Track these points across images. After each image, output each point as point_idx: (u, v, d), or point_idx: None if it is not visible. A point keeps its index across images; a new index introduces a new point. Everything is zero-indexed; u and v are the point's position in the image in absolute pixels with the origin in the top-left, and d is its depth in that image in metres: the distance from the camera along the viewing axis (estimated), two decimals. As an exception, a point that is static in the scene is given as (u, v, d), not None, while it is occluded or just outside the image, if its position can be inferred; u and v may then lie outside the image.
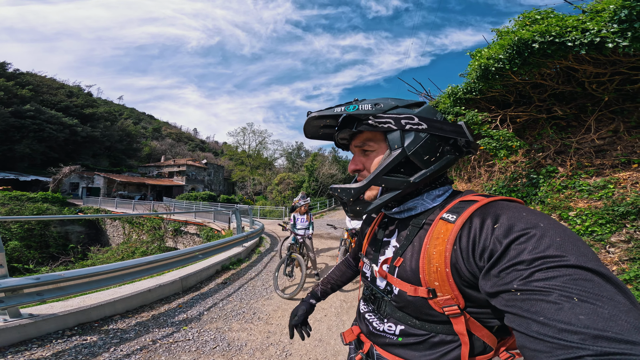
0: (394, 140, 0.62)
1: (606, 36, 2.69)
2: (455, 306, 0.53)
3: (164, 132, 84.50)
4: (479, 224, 0.51)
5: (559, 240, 0.42)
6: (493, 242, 0.47)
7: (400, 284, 0.61)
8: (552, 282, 0.38)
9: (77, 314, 2.77)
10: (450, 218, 0.56)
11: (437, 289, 0.55)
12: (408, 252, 0.63)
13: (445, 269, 0.53)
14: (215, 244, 5.55)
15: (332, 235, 10.18)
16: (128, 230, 17.46)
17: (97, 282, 3.04)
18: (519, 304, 0.41)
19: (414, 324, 0.60)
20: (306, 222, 4.95)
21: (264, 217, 19.48)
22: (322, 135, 0.79)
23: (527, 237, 0.44)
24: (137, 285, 3.70)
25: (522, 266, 0.42)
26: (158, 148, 62.06)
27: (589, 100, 4.15)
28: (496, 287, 0.45)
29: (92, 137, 40.09)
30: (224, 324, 3.27)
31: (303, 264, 4.23)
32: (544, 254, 0.41)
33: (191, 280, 4.51)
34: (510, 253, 0.44)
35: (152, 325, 3.05)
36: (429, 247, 0.57)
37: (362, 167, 0.70)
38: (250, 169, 38.78)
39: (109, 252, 13.30)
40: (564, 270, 0.39)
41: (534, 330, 0.38)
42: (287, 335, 3.07)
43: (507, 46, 3.35)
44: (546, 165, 4.69)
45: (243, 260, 6.35)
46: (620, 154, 3.78)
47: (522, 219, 0.47)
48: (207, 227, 13.39)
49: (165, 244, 14.46)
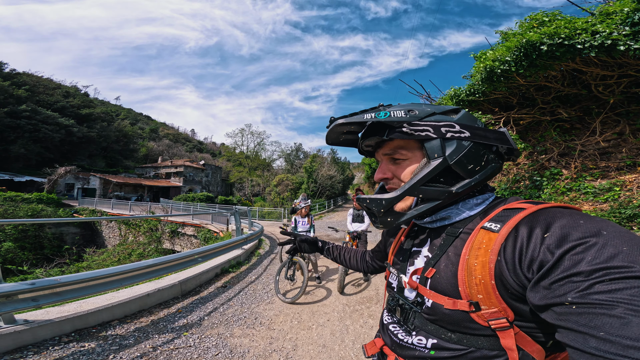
0: (434, 149, 0.58)
1: (618, 39, 2.68)
2: (504, 319, 0.49)
3: (161, 132, 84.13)
4: (527, 233, 0.47)
5: (626, 249, 0.38)
6: (543, 252, 0.43)
7: (434, 296, 0.58)
8: (618, 295, 0.35)
9: (73, 320, 2.68)
10: (494, 227, 0.53)
11: (481, 302, 0.51)
12: (442, 262, 0.59)
13: (490, 280, 0.49)
14: (214, 247, 5.47)
15: (333, 237, 10.12)
16: (124, 232, 17.27)
17: (94, 287, 2.95)
18: (574, 317, 0.37)
19: (449, 338, 0.56)
20: (307, 224, 4.90)
21: (263, 218, 19.40)
22: (343, 141, 0.75)
23: (585, 247, 0.40)
24: (135, 290, 3.60)
25: (580, 277, 0.38)
26: (155, 149, 61.70)
27: (594, 102, 4.15)
28: (546, 300, 0.41)
29: (88, 137, 39.77)
30: (226, 329, 3.19)
31: (305, 268, 4.17)
32: (608, 264, 0.37)
33: (190, 284, 4.42)
34: (565, 264, 0.40)
35: (151, 331, 2.96)
36: (469, 258, 0.53)
37: (392, 175, 0.67)
38: (249, 170, 38.64)
39: (105, 254, 13.13)
40: (633, 281, 0.35)
41: (592, 346, 0.34)
42: (290, 340, 3.01)
43: (513, 48, 3.32)
44: (550, 168, 4.67)
45: (243, 263, 6.27)
46: (625, 156, 3.77)
47: (579, 227, 0.43)
48: (205, 229, 13.27)
49: (162, 246, 14.33)
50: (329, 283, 4.97)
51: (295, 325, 3.36)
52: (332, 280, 5.13)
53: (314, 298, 4.24)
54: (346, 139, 0.75)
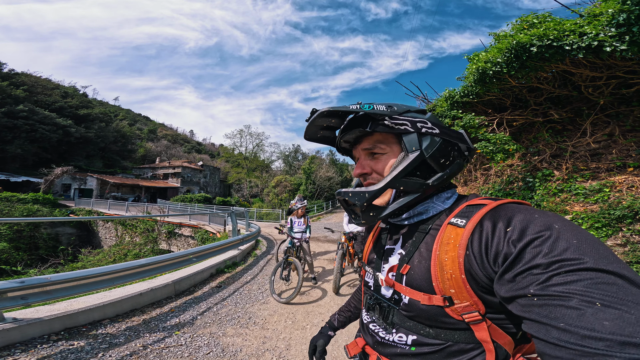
0: (411, 142, 0.61)
1: (604, 40, 2.72)
2: (476, 312, 0.51)
3: (160, 133, 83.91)
4: (491, 227, 0.50)
5: (576, 242, 0.41)
6: (507, 245, 0.46)
7: (410, 292, 0.59)
8: (572, 287, 0.37)
9: (63, 318, 2.67)
10: (460, 222, 0.55)
11: (454, 296, 0.53)
12: (415, 258, 0.61)
13: (460, 275, 0.52)
14: (210, 247, 5.46)
15: (330, 238, 10.12)
16: (121, 232, 17.20)
17: (85, 285, 2.95)
18: (536, 309, 0.39)
19: (427, 333, 0.58)
20: (303, 225, 4.90)
21: (261, 219, 19.38)
22: (320, 137, 0.75)
23: (542, 240, 0.43)
24: (128, 289, 3.59)
25: (539, 270, 0.41)
26: (153, 149, 61.51)
27: (584, 103, 4.20)
28: (512, 292, 0.44)
29: (86, 138, 39.61)
30: (218, 328, 3.18)
31: (300, 268, 4.18)
32: (561, 257, 0.40)
33: (184, 283, 4.41)
34: (525, 257, 0.43)
35: (143, 330, 2.95)
36: (440, 254, 0.55)
37: (370, 170, 0.67)
38: (247, 171, 38.55)
39: (101, 254, 13.05)
40: (584, 273, 0.38)
41: (554, 336, 0.37)
42: (283, 340, 3.01)
43: (505, 50, 3.37)
44: (542, 169, 4.71)
45: (239, 264, 6.26)
46: (615, 157, 3.81)
47: (535, 221, 0.46)
48: (202, 230, 13.23)
49: (159, 246, 14.26)
50: (325, 284, 4.97)
51: (289, 325, 3.37)
52: (328, 281, 5.14)
53: (309, 298, 4.25)
54: (324, 135, 0.75)
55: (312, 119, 0.66)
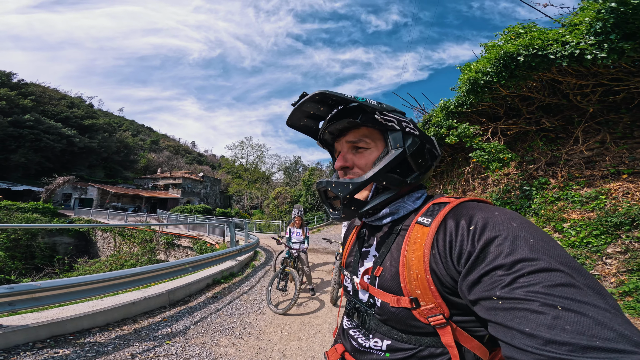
0: (396, 139, 0.63)
1: (585, 48, 2.80)
2: (440, 315, 0.50)
3: (162, 144, 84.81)
4: (454, 225, 0.51)
5: (533, 241, 0.42)
6: (470, 244, 0.46)
7: (382, 294, 0.58)
8: (533, 289, 0.38)
9: (50, 326, 2.63)
10: (426, 221, 0.56)
11: (420, 298, 0.52)
12: (387, 260, 0.60)
13: (425, 275, 0.51)
14: (206, 257, 5.42)
15: (329, 249, 10.03)
16: (119, 242, 17.10)
17: (76, 293, 2.92)
18: (501, 313, 0.39)
19: (400, 338, 0.57)
20: (302, 236, 4.87)
21: (260, 231, 19.24)
22: (303, 126, 0.74)
23: (502, 239, 0.43)
24: (120, 298, 3.55)
25: (502, 271, 0.41)
26: (155, 160, 62.01)
27: (574, 112, 4.25)
28: (477, 294, 0.44)
29: (89, 148, 40.02)
30: (211, 338, 3.12)
31: (297, 279, 4.13)
32: (520, 256, 0.41)
33: (179, 293, 4.35)
34: (488, 256, 0.43)
35: (133, 339, 2.89)
36: (407, 253, 0.55)
37: (352, 164, 0.67)
38: (248, 182, 38.63)
39: (97, 264, 12.93)
40: (543, 275, 0.38)
41: (520, 341, 0.37)
42: (278, 351, 2.96)
43: (494, 60, 3.46)
44: (538, 177, 4.72)
45: (236, 274, 6.18)
46: (609, 164, 3.82)
47: (494, 219, 0.47)
48: (201, 241, 13.14)
49: (157, 257, 14.14)
50: (323, 295, 4.90)
51: (285, 336, 3.31)
52: (326, 292, 5.06)
53: (306, 309, 4.18)
54: (307, 125, 0.74)
55: (300, 102, 0.64)
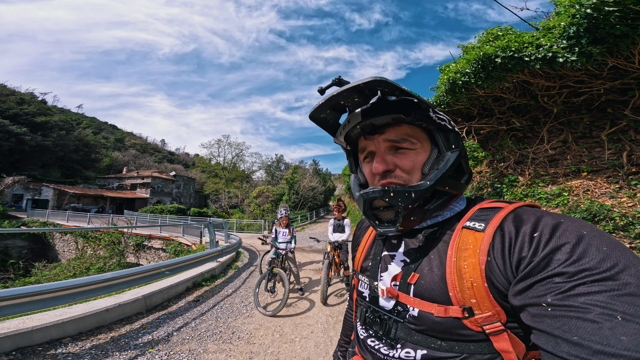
0: (451, 140, 0.57)
1: (557, 51, 3.00)
2: (498, 322, 0.47)
3: (128, 142, 79.45)
4: (514, 231, 0.47)
5: (606, 249, 0.38)
6: (532, 251, 0.43)
7: (420, 304, 0.53)
8: (594, 298, 0.35)
9: (14, 337, 2.36)
10: (478, 226, 0.51)
11: (475, 307, 0.48)
12: (424, 266, 0.55)
13: (483, 283, 0.47)
14: (184, 260, 5.16)
15: (315, 248, 10.00)
16: (82, 245, 15.87)
17: (41, 301, 2.63)
18: (548, 320, 0.37)
19: (439, 347, 0.52)
20: (288, 235, 4.76)
21: (241, 230, 18.75)
22: (325, 117, 0.64)
23: (571, 246, 0.40)
24: (92, 305, 3.26)
25: (561, 278, 0.38)
26: (120, 159, 57.98)
27: (541, 112, 4.63)
28: (524, 300, 0.41)
29: (42, 146, 36.30)
30: (198, 345, 2.98)
31: (286, 279, 4.04)
32: (589, 265, 0.37)
33: (157, 298, 4.11)
34: (551, 264, 0.40)
35: (111, 349, 2.68)
36: (457, 260, 0.51)
37: (394, 167, 0.59)
38: (226, 181, 37.29)
39: (58, 269, 11.84)
40: (611, 283, 0.35)
41: (563, 350, 0.34)
42: (271, 355, 2.89)
43: (472, 61, 3.66)
44: (508, 175, 5.07)
45: (218, 277, 5.95)
46: (570, 163, 4.18)
47: (562, 225, 0.43)
48: (175, 242, 12.52)
49: (126, 260, 13.25)
50: (312, 294, 4.85)
51: (277, 338, 3.24)
52: (315, 291, 5.01)
53: (296, 310, 4.12)
54: (329, 117, 0.64)
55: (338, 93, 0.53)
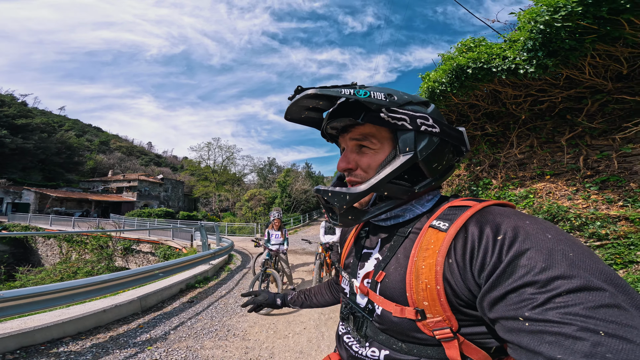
0: (407, 141, 0.53)
1: (519, 63, 3.28)
2: (448, 329, 0.46)
3: (113, 145, 77.23)
4: (477, 233, 0.45)
5: (572, 255, 0.37)
6: (497, 256, 0.41)
7: (383, 302, 0.53)
8: (571, 310, 0.33)
9: (18, 337, 2.49)
10: (442, 226, 0.49)
11: (427, 310, 0.47)
12: (391, 265, 0.55)
13: (435, 286, 0.46)
14: (178, 262, 5.27)
15: (307, 250, 10.16)
16: (66, 250, 15.52)
17: (42, 302, 2.76)
18: (527, 336, 0.35)
19: (399, 348, 0.51)
20: (280, 238, 4.90)
21: (233, 233, 18.70)
22: (305, 118, 0.65)
23: (535, 251, 0.38)
24: (89, 306, 3.38)
25: (533, 289, 0.36)
26: (105, 162, 56.46)
27: (511, 118, 5.01)
28: (499, 312, 0.38)
29: (23, 149, 35.00)
30: (195, 342, 3.11)
31: (279, 279, 4.18)
32: (558, 273, 0.35)
33: (151, 299, 4.23)
34: (518, 271, 0.38)
35: (111, 347, 2.82)
36: (417, 260, 0.49)
37: (355, 166, 0.60)
38: (216, 184, 36.80)
39: (43, 273, 11.58)
40: (584, 294, 0.33)
41: None
42: (266, 349, 2.99)
43: (448, 71, 3.95)
44: (483, 178, 5.44)
45: (211, 279, 6.07)
46: (536, 166, 4.55)
47: (526, 228, 0.41)
48: (165, 245, 12.45)
49: (114, 264, 13.06)
50: None
51: (271, 334, 3.37)
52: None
53: (289, 309, 4.18)
54: (309, 116, 0.65)
55: (295, 100, 0.55)
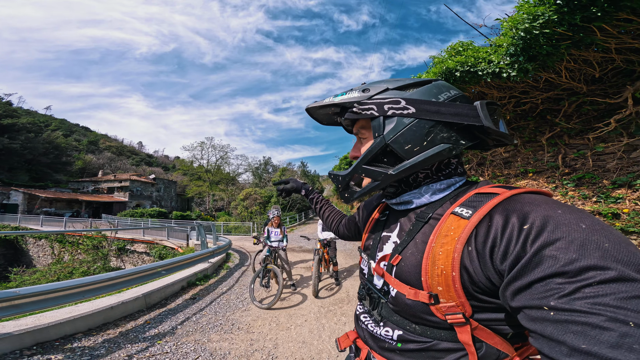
0: (375, 127, 0.57)
1: (502, 67, 3.47)
2: (460, 314, 0.46)
3: (102, 145, 75.59)
4: (502, 222, 0.43)
5: (608, 245, 0.35)
6: (521, 245, 0.39)
7: (398, 285, 0.54)
8: (601, 301, 0.31)
9: (34, 333, 2.57)
10: (465, 213, 0.48)
11: (440, 295, 0.47)
12: (409, 249, 0.55)
13: (451, 272, 0.46)
14: (179, 260, 5.38)
15: (305, 248, 10.31)
16: (58, 250, 15.33)
17: (56, 299, 2.86)
18: (551, 325, 0.34)
19: (413, 330, 0.53)
20: (280, 235, 5.03)
21: (229, 233, 18.72)
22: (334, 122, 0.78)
23: (566, 242, 0.36)
24: (96, 303, 3.48)
25: (563, 279, 0.34)
26: (95, 162, 55.25)
27: (497, 119, 5.25)
28: (523, 301, 0.38)
29: (9, 149, 33.97)
30: (202, 335, 3.22)
31: (279, 274, 4.29)
32: (590, 263, 0.34)
33: (155, 296, 4.34)
34: (545, 262, 0.36)
35: (122, 342, 2.93)
36: (435, 246, 0.49)
37: (360, 154, 0.67)
38: (210, 184, 36.43)
39: (38, 274, 11.40)
40: (617, 285, 0.32)
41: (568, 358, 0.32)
42: (270, 340, 3.14)
43: (438, 73, 4.11)
44: (471, 176, 5.68)
45: (211, 276, 6.17)
46: (519, 164, 4.82)
47: (557, 218, 0.39)
48: (160, 245, 12.44)
49: (110, 264, 12.98)
50: (304, 289, 5.11)
51: (274, 327, 3.50)
52: (306, 286, 5.27)
53: (290, 303, 4.36)
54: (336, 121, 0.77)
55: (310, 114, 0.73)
